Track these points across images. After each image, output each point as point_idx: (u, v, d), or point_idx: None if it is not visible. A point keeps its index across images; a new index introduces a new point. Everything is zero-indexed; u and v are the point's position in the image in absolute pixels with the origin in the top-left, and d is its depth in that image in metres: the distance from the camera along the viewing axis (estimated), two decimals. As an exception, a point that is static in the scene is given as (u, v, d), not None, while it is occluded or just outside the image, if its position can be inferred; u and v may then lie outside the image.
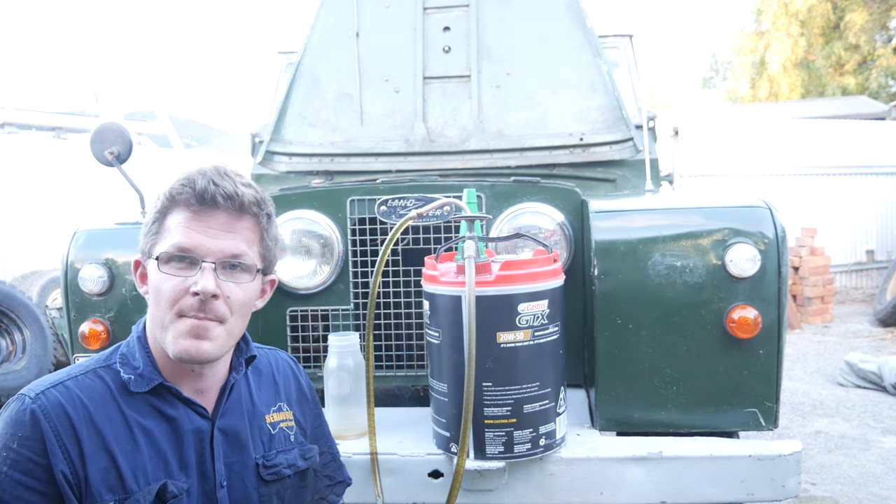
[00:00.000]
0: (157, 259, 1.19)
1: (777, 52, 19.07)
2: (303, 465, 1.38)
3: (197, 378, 1.25)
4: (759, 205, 1.98)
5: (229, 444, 1.27)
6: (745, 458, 1.81)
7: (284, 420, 1.39)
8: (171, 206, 1.21)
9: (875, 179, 10.29)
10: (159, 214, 1.22)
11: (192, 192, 1.19)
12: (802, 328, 7.84)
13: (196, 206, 1.19)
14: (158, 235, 1.21)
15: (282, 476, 1.33)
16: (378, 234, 2.20)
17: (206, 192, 1.18)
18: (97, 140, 2.41)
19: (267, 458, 1.32)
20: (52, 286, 6.14)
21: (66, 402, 1.13)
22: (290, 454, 1.36)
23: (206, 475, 1.23)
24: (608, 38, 3.45)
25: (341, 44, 2.87)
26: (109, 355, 1.24)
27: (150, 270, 1.22)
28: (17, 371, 5.10)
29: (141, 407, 1.19)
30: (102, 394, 1.17)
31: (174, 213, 1.21)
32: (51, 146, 7.67)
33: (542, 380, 1.77)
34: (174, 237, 1.19)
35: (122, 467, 1.13)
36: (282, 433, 1.37)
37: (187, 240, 1.18)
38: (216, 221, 1.20)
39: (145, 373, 1.20)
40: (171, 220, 1.21)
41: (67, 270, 2.22)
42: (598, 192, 2.64)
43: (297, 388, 1.47)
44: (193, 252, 1.18)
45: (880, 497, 3.44)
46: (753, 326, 1.87)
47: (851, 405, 4.96)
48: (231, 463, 1.27)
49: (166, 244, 1.19)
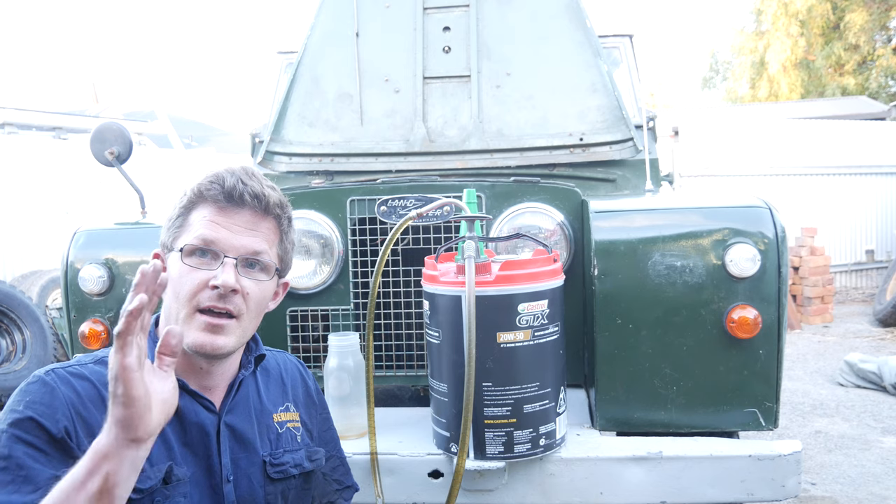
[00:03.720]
0: (179, 251, 1.22)
1: (777, 52, 19.08)
2: (309, 466, 1.39)
3: (204, 375, 1.26)
4: (759, 205, 1.99)
5: (236, 440, 1.28)
6: (745, 458, 1.81)
7: (291, 420, 1.40)
8: (198, 201, 1.24)
9: (875, 179, 10.29)
10: (184, 209, 1.25)
11: (221, 189, 1.22)
12: (802, 328, 7.84)
13: (223, 202, 1.22)
14: (182, 229, 1.24)
15: (288, 475, 1.34)
16: (378, 234, 2.20)
17: (235, 189, 1.22)
18: (97, 140, 2.41)
19: (274, 456, 1.33)
20: (52, 286, 6.15)
21: (75, 380, 1.15)
22: (297, 454, 1.37)
23: (213, 469, 1.24)
24: (608, 38, 3.45)
25: (341, 44, 2.87)
26: None
27: (171, 263, 1.23)
28: (17, 371, 5.10)
29: None
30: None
31: (200, 208, 1.24)
32: (51, 146, 7.67)
33: (542, 380, 1.77)
34: (198, 230, 1.21)
35: None
36: (288, 433, 1.38)
37: (212, 233, 1.21)
38: (241, 219, 1.23)
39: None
40: (195, 215, 1.23)
41: (67, 270, 2.22)
42: (598, 192, 2.64)
43: (305, 390, 1.48)
44: (216, 246, 1.21)
45: (880, 497, 3.44)
46: (753, 326, 1.88)
47: (851, 405, 4.96)
48: (237, 458, 1.27)
49: (190, 237, 1.22)
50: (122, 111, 10.75)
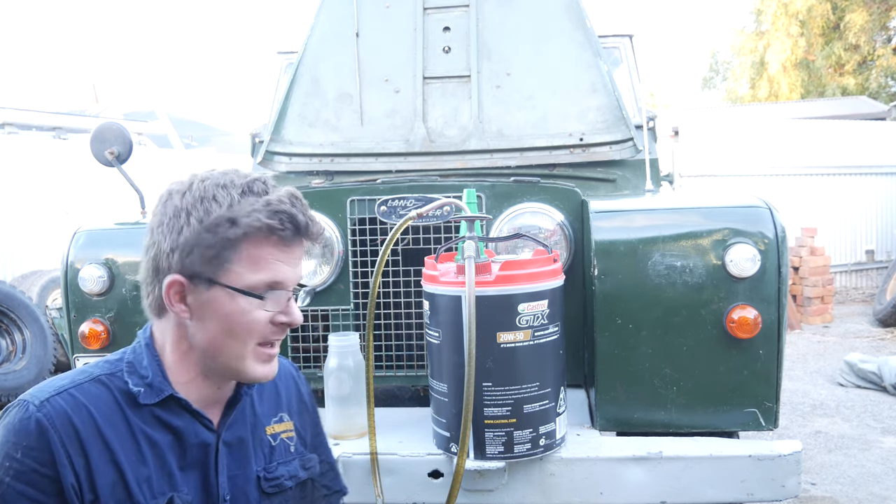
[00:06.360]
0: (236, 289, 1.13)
1: (777, 52, 19.07)
2: (303, 475, 1.38)
3: (214, 392, 1.23)
4: (758, 205, 1.99)
5: (233, 456, 1.26)
6: (744, 458, 1.81)
7: (285, 431, 1.38)
8: (257, 234, 1.13)
9: (875, 179, 10.29)
10: (229, 241, 1.12)
11: (293, 228, 1.15)
12: (802, 328, 7.84)
13: (291, 238, 1.16)
14: (228, 262, 1.13)
15: (283, 488, 1.32)
16: (378, 234, 2.20)
17: (302, 226, 1.16)
18: (97, 140, 2.41)
19: (268, 470, 1.31)
20: (52, 286, 6.14)
21: (72, 411, 1.09)
22: (291, 465, 1.35)
23: (210, 489, 1.22)
24: (608, 38, 3.45)
25: (341, 44, 2.87)
26: (115, 362, 1.21)
27: (218, 297, 1.14)
28: (17, 371, 5.10)
29: (147, 418, 1.16)
30: (108, 403, 1.14)
31: (259, 244, 1.14)
32: (51, 146, 7.67)
33: (542, 380, 1.77)
34: (266, 270, 1.14)
35: (129, 480, 1.11)
36: (282, 444, 1.36)
37: (281, 274, 1.16)
38: (298, 251, 1.20)
39: (154, 382, 1.17)
40: (252, 250, 1.14)
41: (67, 270, 2.22)
42: (598, 192, 2.64)
43: (298, 396, 1.47)
44: (284, 286, 1.17)
45: (880, 497, 3.44)
46: (753, 326, 1.88)
47: (851, 405, 4.96)
48: (234, 476, 1.25)
49: (255, 276, 1.14)
50: (122, 111, 10.75)
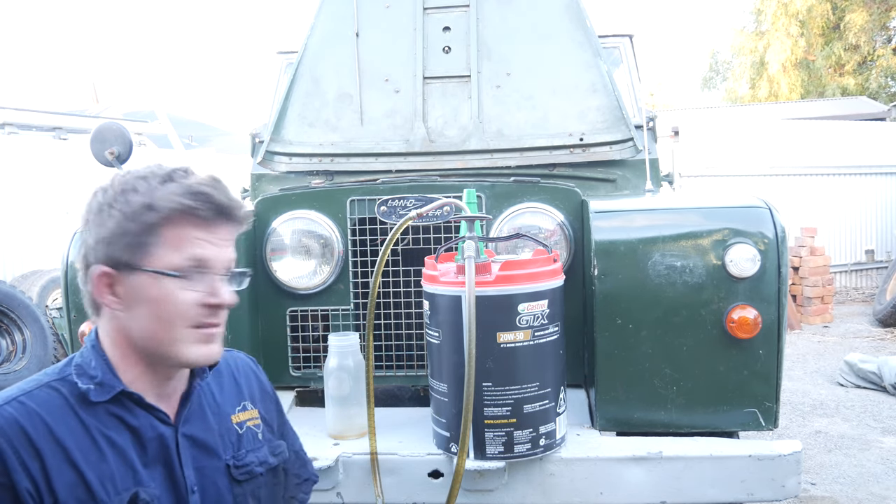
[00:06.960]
0: (159, 272, 1.15)
1: (777, 52, 19.06)
2: (273, 461, 1.38)
3: (165, 383, 1.23)
4: (758, 205, 1.99)
5: (198, 448, 1.26)
6: (744, 458, 1.81)
7: (251, 419, 1.38)
8: (175, 217, 1.16)
9: (875, 179, 10.29)
10: (148, 225, 1.15)
11: (212, 206, 1.16)
12: (802, 328, 7.84)
13: (212, 217, 1.17)
14: (150, 246, 1.15)
15: (254, 475, 1.33)
16: (378, 234, 2.20)
17: (223, 206, 1.17)
18: (97, 140, 2.41)
19: (237, 458, 1.31)
20: (52, 286, 6.14)
21: (21, 417, 1.10)
22: (260, 452, 1.36)
23: (176, 482, 1.22)
24: (608, 38, 3.45)
25: (341, 44, 2.87)
26: (63, 368, 1.21)
27: (143, 283, 1.16)
28: (17, 371, 5.10)
29: (101, 417, 1.16)
30: (60, 406, 1.14)
31: (179, 225, 1.16)
32: (51, 146, 7.67)
33: (542, 380, 1.77)
34: (187, 249, 1.16)
35: (89, 479, 1.11)
36: (249, 432, 1.36)
37: (203, 251, 1.17)
38: (224, 233, 1.20)
39: (105, 380, 1.17)
40: (173, 231, 1.16)
41: (67, 270, 2.22)
42: (598, 192, 2.64)
43: (259, 386, 1.47)
44: (208, 264, 1.17)
45: (880, 497, 3.44)
46: (753, 326, 1.88)
47: (851, 405, 4.96)
48: (202, 467, 1.25)
49: (177, 256, 1.15)
50: (122, 111, 10.75)
